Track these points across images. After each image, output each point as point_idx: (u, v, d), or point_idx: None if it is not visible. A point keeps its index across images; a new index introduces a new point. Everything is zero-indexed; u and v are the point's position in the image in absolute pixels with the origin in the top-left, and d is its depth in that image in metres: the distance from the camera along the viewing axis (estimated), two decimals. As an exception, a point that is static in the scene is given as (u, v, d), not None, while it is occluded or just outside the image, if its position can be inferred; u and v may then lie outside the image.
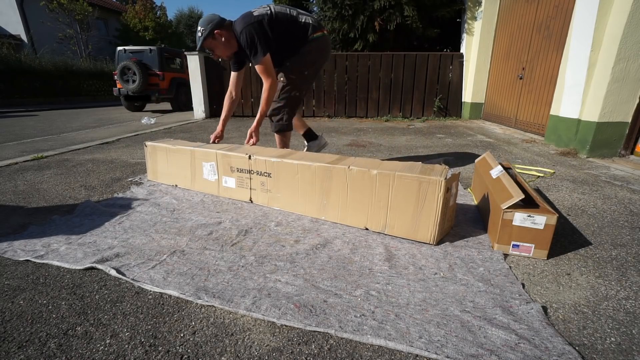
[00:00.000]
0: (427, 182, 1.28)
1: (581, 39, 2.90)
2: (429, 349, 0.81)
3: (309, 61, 2.11)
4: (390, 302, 1.00)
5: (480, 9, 5.19)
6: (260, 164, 1.73)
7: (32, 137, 4.39)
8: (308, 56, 2.10)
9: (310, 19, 2.08)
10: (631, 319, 0.94)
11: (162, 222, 1.60)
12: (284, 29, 1.99)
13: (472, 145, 3.51)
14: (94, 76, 13.37)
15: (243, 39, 1.90)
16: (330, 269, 1.18)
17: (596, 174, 2.40)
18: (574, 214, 1.68)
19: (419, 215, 1.33)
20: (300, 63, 2.10)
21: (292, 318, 0.92)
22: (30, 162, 2.82)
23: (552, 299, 1.02)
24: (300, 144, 3.61)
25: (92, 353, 0.83)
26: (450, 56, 5.73)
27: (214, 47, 2.00)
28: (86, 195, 1.97)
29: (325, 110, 6.20)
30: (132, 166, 2.67)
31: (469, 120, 5.69)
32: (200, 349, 0.84)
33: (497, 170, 1.58)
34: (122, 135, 4.36)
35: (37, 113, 8.18)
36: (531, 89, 4.06)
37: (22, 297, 1.05)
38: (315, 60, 2.15)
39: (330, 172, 1.52)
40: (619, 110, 2.74)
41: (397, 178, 1.35)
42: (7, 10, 14.14)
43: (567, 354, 0.80)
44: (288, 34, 2.02)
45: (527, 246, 1.25)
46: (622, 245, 1.36)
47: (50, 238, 1.42)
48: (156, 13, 18.50)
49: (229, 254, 1.29)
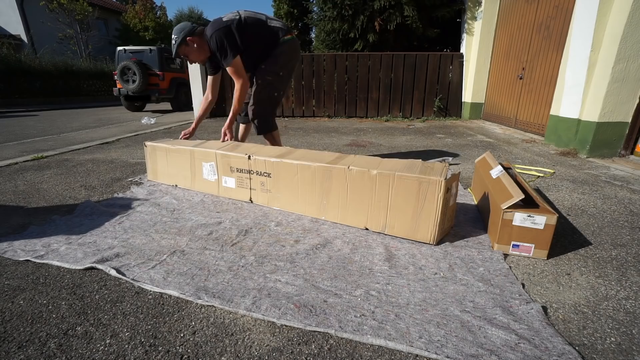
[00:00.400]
0: (427, 182, 1.28)
1: (581, 39, 2.90)
2: (429, 349, 0.81)
3: (283, 62, 2.20)
4: (390, 302, 1.00)
5: (480, 9, 5.19)
6: (259, 164, 1.73)
7: (32, 137, 4.39)
8: (281, 57, 2.18)
9: (279, 23, 2.18)
10: (631, 319, 0.94)
11: (162, 222, 1.60)
12: (255, 32, 2.09)
13: (472, 145, 3.51)
14: (94, 76, 13.36)
15: (213, 43, 2.00)
16: (330, 269, 1.18)
17: (596, 174, 2.40)
18: (574, 214, 1.68)
19: (419, 215, 1.33)
20: (275, 64, 2.18)
21: (292, 318, 0.92)
22: (30, 162, 2.82)
23: (552, 299, 1.02)
24: (300, 143, 3.61)
25: (92, 353, 0.83)
26: (450, 56, 5.73)
27: (187, 53, 2.10)
28: (86, 195, 1.97)
29: (325, 110, 6.20)
30: (132, 166, 2.67)
31: (469, 120, 5.69)
32: (200, 349, 0.84)
33: (497, 170, 1.58)
34: (122, 135, 4.36)
35: (37, 113, 8.18)
36: (531, 89, 4.06)
37: (22, 297, 1.05)
38: (288, 61, 2.23)
39: (330, 172, 1.52)
40: (619, 110, 2.74)
41: (397, 178, 1.35)
42: (7, 10, 14.14)
43: (567, 354, 0.80)
44: (259, 37, 2.11)
45: (527, 246, 1.25)
46: (622, 245, 1.36)
47: (50, 238, 1.42)
48: (156, 13, 18.51)
49: (229, 254, 1.29)
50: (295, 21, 9.76)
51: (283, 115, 6.40)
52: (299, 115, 6.34)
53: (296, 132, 4.57)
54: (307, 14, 8.14)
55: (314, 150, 1.79)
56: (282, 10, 9.57)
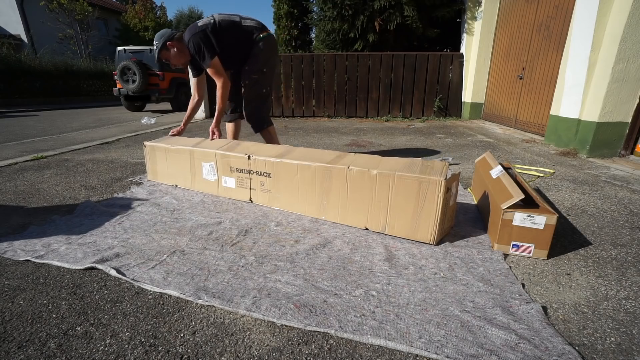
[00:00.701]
0: (427, 182, 1.28)
1: (581, 39, 2.90)
2: (429, 349, 0.81)
3: (263, 60, 2.30)
4: (390, 302, 1.00)
5: (480, 9, 5.19)
6: (259, 164, 1.73)
7: (32, 137, 4.39)
8: (261, 55, 2.28)
9: (253, 22, 2.28)
10: (631, 319, 0.94)
11: (162, 222, 1.60)
12: (230, 34, 2.20)
13: (472, 145, 3.51)
14: (94, 76, 13.35)
15: (191, 47, 2.13)
16: (330, 269, 1.18)
17: (596, 174, 2.40)
18: (574, 214, 1.68)
19: (419, 215, 1.33)
20: (257, 63, 2.28)
21: (292, 318, 0.92)
22: (30, 162, 2.82)
23: (552, 299, 1.02)
24: (300, 143, 3.60)
25: (92, 353, 0.83)
26: (450, 56, 5.73)
27: (168, 57, 2.20)
28: (86, 195, 1.97)
29: (325, 110, 6.20)
30: (132, 166, 2.67)
31: (469, 120, 5.69)
32: (200, 349, 0.84)
33: (497, 170, 1.58)
34: (122, 135, 4.35)
35: (37, 113, 8.18)
36: (531, 89, 4.06)
37: (22, 297, 1.05)
38: (269, 57, 2.33)
39: (330, 172, 1.52)
40: (619, 110, 2.74)
41: (397, 178, 1.35)
42: (7, 10, 14.13)
43: (567, 354, 0.80)
44: (234, 38, 2.23)
45: (527, 246, 1.25)
46: (622, 245, 1.36)
47: (50, 238, 1.42)
48: (156, 13, 18.50)
49: (229, 254, 1.29)
50: (295, 21, 9.75)
51: (283, 115, 6.40)
52: (299, 115, 6.34)
53: (296, 132, 4.57)
54: (307, 14, 8.13)
55: (313, 149, 1.78)
56: (282, 10, 9.56)
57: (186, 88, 8.29)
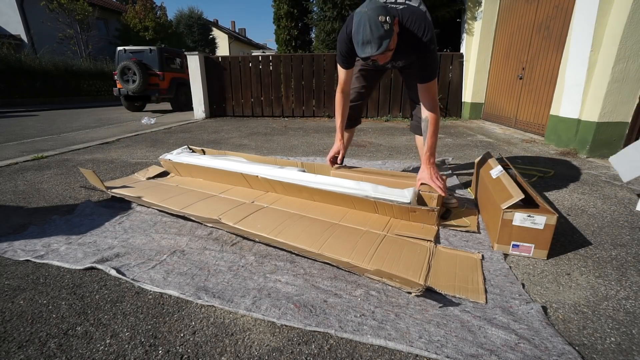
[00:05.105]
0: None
1: (581, 39, 2.90)
2: (429, 349, 0.81)
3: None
4: (390, 302, 1.00)
5: (480, 9, 5.19)
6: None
7: (32, 137, 4.39)
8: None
9: None
10: (631, 319, 0.94)
11: (162, 222, 1.60)
12: None
13: (472, 145, 3.51)
14: (94, 76, 13.35)
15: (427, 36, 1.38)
16: (330, 269, 1.18)
17: (596, 174, 2.40)
18: (574, 214, 1.68)
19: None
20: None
21: (292, 318, 0.92)
22: (31, 162, 2.82)
23: (552, 299, 1.02)
24: (300, 143, 3.60)
25: (92, 353, 0.83)
26: (450, 56, 5.73)
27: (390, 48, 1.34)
28: (86, 195, 1.97)
29: (325, 110, 6.20)
30: (132, 166, 2.66)
31: (469, 120, 5.69)
32: (200, 349, 0.84)
33: (497, 170, 1.58)
34: (122, 135, 4.35)
35: (37, 113, 8.17)
36: (531, 89, 4.06)
37: (22, 297, 1.05)
38: None
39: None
40: (619, 110, 2.74)
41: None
42: (7, 10, 14.12)
43: (567, 354, 0.80)
44: None
45: (527, 246, 1.25)
46: (622, 245, 1.36)
47: (50, 238, 1.42)
48: (156, 13, 18.47)
49: (229, 254, 1.29)
50: (295, 21, 9.74)
51: (283, 115, 6.40)
52: (299, 115, 6.34)
53: (296, 132, 4.57)
54: (307, 14, 8.13)
55: (311, 218, 1.54)
56: (282, 10, 9.55)
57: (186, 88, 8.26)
